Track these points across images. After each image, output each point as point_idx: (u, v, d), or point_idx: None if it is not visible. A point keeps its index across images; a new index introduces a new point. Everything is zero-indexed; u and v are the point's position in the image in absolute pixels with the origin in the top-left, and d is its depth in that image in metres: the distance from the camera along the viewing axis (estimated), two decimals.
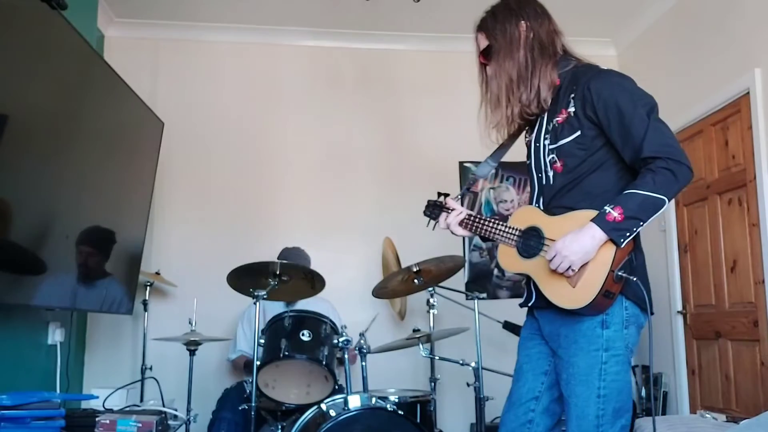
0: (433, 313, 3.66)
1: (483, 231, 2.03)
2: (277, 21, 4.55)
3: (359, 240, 4.49)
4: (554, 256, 1.77)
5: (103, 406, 3.01)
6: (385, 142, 4.67)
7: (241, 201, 4.48)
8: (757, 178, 3.38)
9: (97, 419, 2.64)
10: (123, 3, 4.29)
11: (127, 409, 3.04)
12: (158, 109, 4.01)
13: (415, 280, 3.29)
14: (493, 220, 2.02)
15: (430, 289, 3.58)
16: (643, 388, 4.32)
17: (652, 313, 1.86)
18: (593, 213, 1.77)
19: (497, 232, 1.98)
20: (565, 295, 1.81)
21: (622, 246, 1.75)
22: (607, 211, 1.74)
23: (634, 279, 1.78)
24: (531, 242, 1.90)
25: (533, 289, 1.95)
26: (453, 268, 3.36)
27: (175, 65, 4.57)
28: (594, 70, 1.92)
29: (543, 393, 1.97)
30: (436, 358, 3.51)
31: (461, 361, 3.29)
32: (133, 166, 3.75)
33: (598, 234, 1.73)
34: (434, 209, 2.20)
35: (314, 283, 3.28)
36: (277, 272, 3.09)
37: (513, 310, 4.33)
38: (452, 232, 2.11)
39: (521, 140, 2.15)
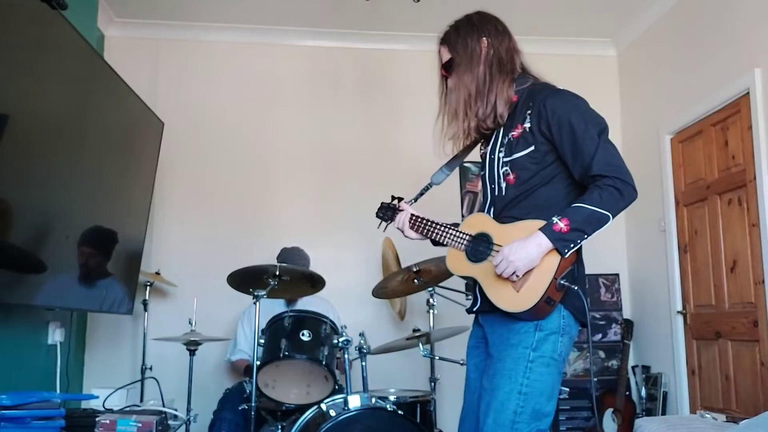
0: (433, 313, 3.66)
1: (433, 234, 2.10)
2: (277, 21, 4.55)
3: (359, 240, 4.49)
4: (500, 261, 1.85)
5: (103, 406, 3.01)
6: (384, 142, 4.67)
7: (241, 201, 4.48)
8: (757, 179, 3.38)
9: (97, 419, 2.64)
10: (123, 3, 4.29)
11: (127, 409, 3.04)
12: (158, 109, 4.01)
13: (415, 280, 3.29)
14: (444, 225, 2.08)
15: (430, 289, 3.58)
16: (643, 388, 4.33)
17: (584, 325, 1.94)
18: (541, 223, 1.85)
19: (447, 235, 2.05)
20: (508, 299, 1.87)
21: (566, 256, 1.83)
22: (554, 222, 1.82)
23: (576, 288, 1.86)
24: (480, 247, 1.97)
25: (479, 294, 2.00)
26: None
27: (175, 65, 4.57)
28: (550, 89, 2.00)
29: None
30: (436, 358, 3.51)
31: (461, 361, 3.28)
32: (133, 166, 3.75)
33: (544, 242, 1.81)
34: (387, 211, 2.28)
35: (314, 282, 3.28)
36: (277, 273, 3.09)
37: None
38: (405, 235, 2.19)
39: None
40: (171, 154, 4.28)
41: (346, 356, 3.04)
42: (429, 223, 2.11)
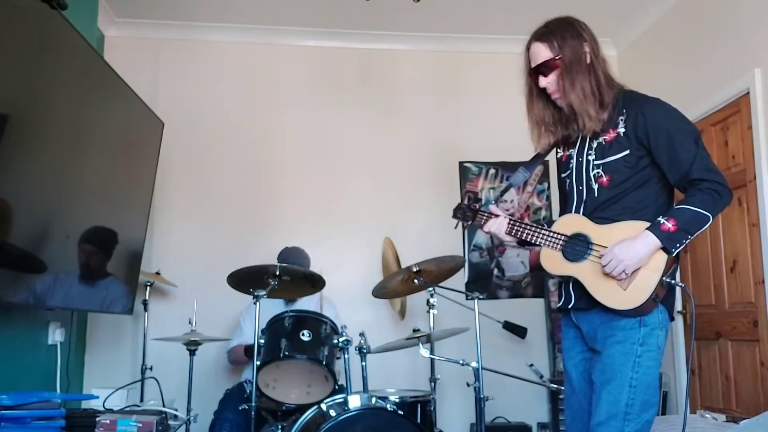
0: (433, 313, 3.66)
1: (526, 236, 2.12)
2: (278, 21, 4.55)
3: (359, 240, 4.49)
4: (610, 260, 1.92)
5: (104, 406, 3.01)
6: (385, 142, 4.66)
7: (241, 201, 4.48)
8: (757, 178, 3.38)
9: (97, 419, 2.64)
10: (123, 3, 4.29)
11: (128, 409, 3.04)
12: (158, 109, 4.00)
13: (415, 280, 3.29)
14: (537, 226, 2.12)
15: (430, 289, 3.58)
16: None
17: (672, 319, 2.03)
18: (644, 223, 1.94)
19: (541, 236, 2.09)
20: (615, 297, 1.94)
21: (674, 254, 1.93)
22: (662, 222, 1.92)
23: (683, 285, 1.96)
24: (578, 247, 2.03)
25: (572, 291, 2.07)
26: (453, 268, 3.36)
27: (175, 65, 4.57)
28: (644, 97, 2.09)
29: None
30: (436, 358, 3.51)
31: (461, 361, 3.28)
32: (133, 166, 3.75)
33: (652, 241, 1.91)
34: (466, 212, 2.28)
35: (314, 282, 3.28)
36: (277, 273, 3.09)
37: (513, 310, 4.37)
38: (497, 237, 2.20)
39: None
40: (171, 154, 4.28)
41: (346, 356, 3.04)
42: (524, 226, 2.13)
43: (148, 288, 3.99)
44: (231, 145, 4.54)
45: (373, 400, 2.85)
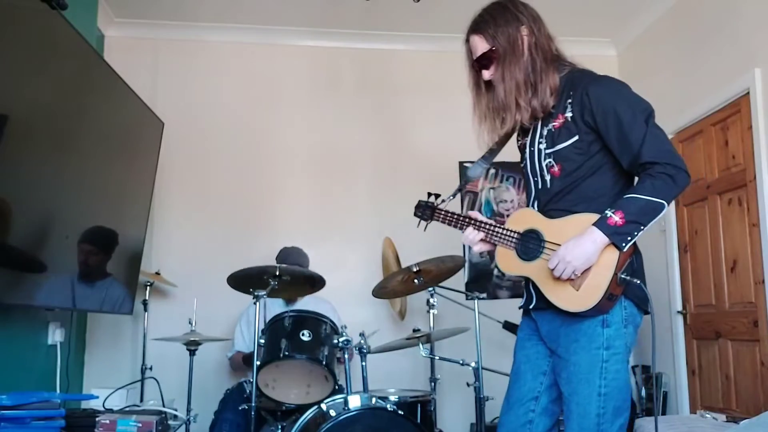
0: (433, 313, 3.66)
1: (487, 236, 2.01)
2: (277, 21, 4.55)
3: (359, 240, 4.49)
4: (557, 263, 1.79)
5: (103, 406, 3.01)
6: (384, 142, 4.66)
7: (241, 201, 4.48)
8: (757, 178, 3.38)
9: (97, 419, 2.63)
10: (123, 3, 4.29)
11: (127, 409, 3.04)
12: (158, 109, 4.00)
13: (415, 280, 3.29)
14: (492, 224, 2.01)
15: (430, 289, 3.58)
16: (643, 388, 4.32)
17: (647, 313, 1.89)
18: (594, 217, 1.79)
19: (495, 234, 1.98)
20: (568, 299, 1.82)
21: (625, 250, 1.78)
22: (608, 216, 1.76)
23: (638, 282, 1.81)
24: (530, 245, 1.91)
25: (533, 291, 1.95)
26: (453, 268, 3.36)
27: (175, 65, 4.57)
28: (591, 76, 1.93)
29: (542, 393, 1.97)
30: (436, 358, 3.51)
31: (461, 361, 3.29)
32: (133, 166, 3.74)
33: (599, 238, 1.76)
34: (425, 210, 2.17)
35: (314, 282, 3.28)
36: (277, 273, 3.09)
37: (513, 310, 4.34)
38: (473, 249, 2.06)
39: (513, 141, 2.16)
40: (171, 154, 4.27)
41: (346, 356, 3.04)
42: (481, 224, 2.01)
43: (148, 288, 3.99)
44: (231, 145, 4.54)
45: (373, 400, 2.85)
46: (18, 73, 2.46)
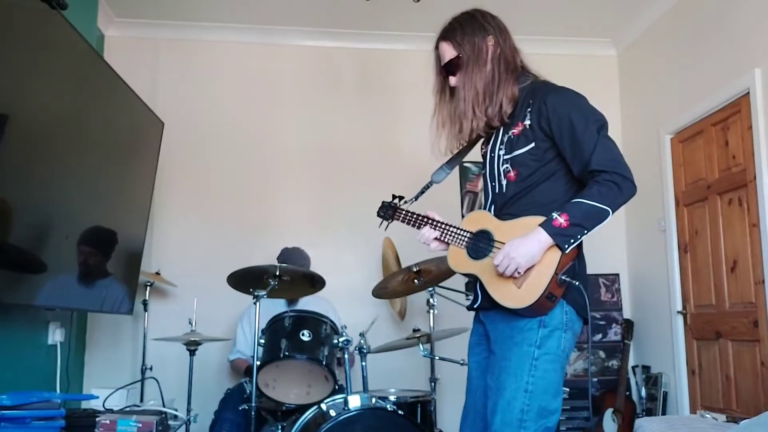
0: (433, 313, 3.66)
1: (442, 235, 2.07)
2: (277, 21, 4.55)
3: (359, 240, 4.49)
4: (502, 259, 1.85)
5: (103, 406, 3.01)
6: (384, 142, 4.66)
7: (241, 201, 4.48)
8: (757, 178, 3.38)
9: (97, 419, 2.64)
10: (123, 3, 4.29)
11: (127, 409, 3.04)
12: (158, 109, 4.00)
13: (415, 280, 3.29)
14: (445, 224, 2.07)
15: (430, 289, 3.58)
16: (643, 388, 4.33)
17: (586, 321, 1.94)
18: (541, 219, 1.86)
19: (449, 234, 2.04)
20: (509, 295, 1.88)
21: (567, 251, 1.84)
22: (554, 217, 1.83)
23: (577, 283, 1.86)
24: (481, 244, 1.97)
25: (479, 290, 2.01)
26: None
27: (175, 65, 4.57)
28: (550, 86, 2.01)
29: None
30: (436, 358, 3.51)
31: (461, 361, 3.28)
32: (133, 166, 3.75)
33: (544, 238, 1.82)
34: (387, 210, 2.26)
35: (314, 282, 3.28)
36: (277, 273, 3.09)
37: None
38: (430, 247, 2.15)
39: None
40: (171, 154, 4.27)
41: (346, 356, 3.04)
42: (436, 224, 2.08)
43: (148, 288, 3.99)
44: (231, 144, 4.54)
45: (373, 400, 2.85)
46: (18, 73, 2.46)
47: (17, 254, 2.57)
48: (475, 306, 2.05)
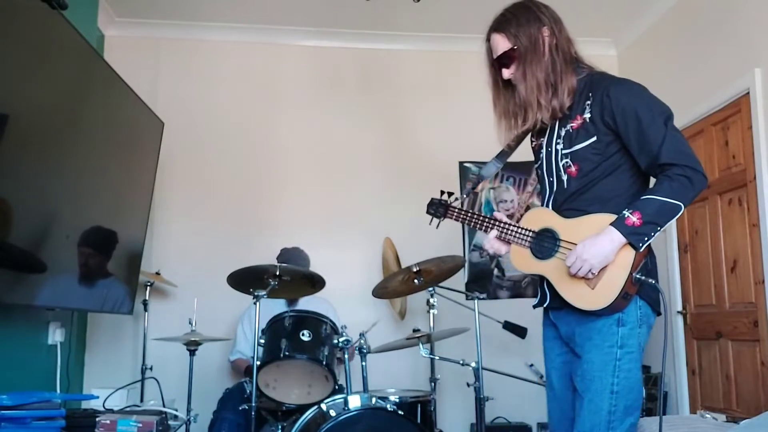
0: (433, 313, 3.66)
1: (503, 235, 2.03)
2: (278, 21, 4.55)
3: (359, 240, 4.49)
4: (575, 260, 1.81)
5: (104, 406, 3.01)
6: (385, 142, 4.66)
7: (242, 201, 4.48)
8: (758, 178, 3.38)
9: (97, 419, 2.64)
10: (123, 3, 4.29)
11: (128, 409, 3.04)
12: (158, 109, 4.00)
13: (415, 280, 3.29)
14: (507, 222, 2.03)
15: (430, 289, 3.58)
16: (644, 388, 4.32)
17: (659, 314, 1.92)
18: (611, 217, 1.82)
19: (509, 232, 2.00)
20: (584, 297, 1.84)
21: (641, 250, 1.80)
22: (626, 216, 1.78)
23: (653, 282, 1.83)
24: (545, 243, 1.93)
25: (547, 290, 1.98)
26: (453, 268, 3.36)
27: (175, 65, 4.57)
28: (611, 78, 1.97)
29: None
30: (436, 358, 3.51)
31: (461, 361, 3.29)
32: (133, 166, 3.75)
33: (617, 238, 1.78)
34: (438, 208, 2.22)
35: (314, 282, 3.28)
36: (277, 273, 3.09)
37: (513, 310, 4.36)
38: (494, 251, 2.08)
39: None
40: (171, 154, 4.27)
41: (346, 356, 3.04)
42: (496, 223, 2.03)
43: (148, 288, 3.99)
44: (231, 145, 4.54)
45: (373, 400, 2.85)
46: (18, 73, 2.46)
47: (17, 254, 2.57)
48: (544, 305, 2.01)
